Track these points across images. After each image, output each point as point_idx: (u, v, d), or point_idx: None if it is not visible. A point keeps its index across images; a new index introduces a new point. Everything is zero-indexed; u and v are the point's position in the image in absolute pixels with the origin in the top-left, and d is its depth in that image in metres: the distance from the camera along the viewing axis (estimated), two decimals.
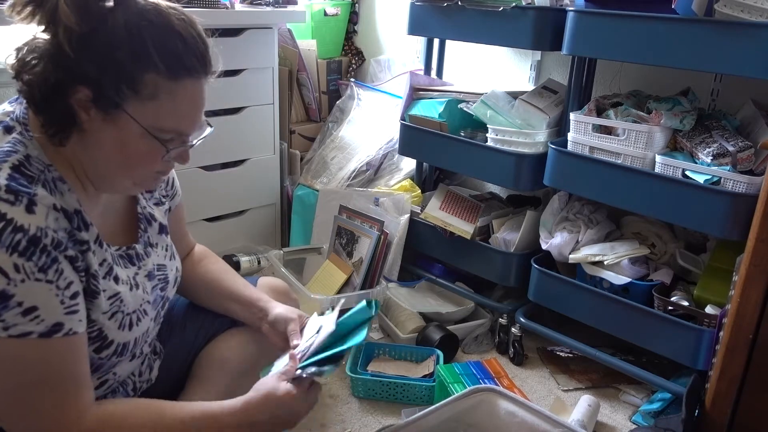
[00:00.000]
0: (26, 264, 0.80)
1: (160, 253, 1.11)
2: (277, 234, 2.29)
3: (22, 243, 0.80)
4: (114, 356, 0.98)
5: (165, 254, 1.13)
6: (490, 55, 2.08)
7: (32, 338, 0.82)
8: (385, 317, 1.81)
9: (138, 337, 1.03)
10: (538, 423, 1.10)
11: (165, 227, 1.15)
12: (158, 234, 1.12)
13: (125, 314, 0.98)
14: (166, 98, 0.87)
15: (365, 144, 2.17)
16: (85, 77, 0.83)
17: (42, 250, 0.82)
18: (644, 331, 1.46)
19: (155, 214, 1.13)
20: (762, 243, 1.15)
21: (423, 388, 1.50)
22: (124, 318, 0.98)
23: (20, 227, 0.80)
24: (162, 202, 1.17)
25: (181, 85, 0.87)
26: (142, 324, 1.03)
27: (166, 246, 1.14)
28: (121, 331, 0.97)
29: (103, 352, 0.96)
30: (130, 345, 1.01)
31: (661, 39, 1.33)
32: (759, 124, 1.40)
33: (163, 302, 1.12)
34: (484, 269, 1.81)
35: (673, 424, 1.32)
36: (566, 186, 1.62)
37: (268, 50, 2.05)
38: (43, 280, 0.82)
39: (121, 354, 0.99)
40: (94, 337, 0.93)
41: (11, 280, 0.79)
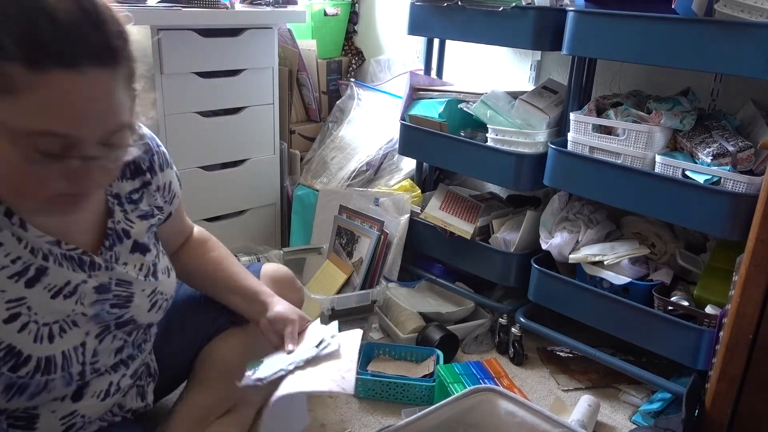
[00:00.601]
0: None
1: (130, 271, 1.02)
2: (277, 234, 2.29)
3: None
4: (37, 373, 0.88)
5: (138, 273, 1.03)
6: (490, 55, 2.08)
7: None
8: (385, 317, 1.81)
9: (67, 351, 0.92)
10: (538, 423, 1.10)
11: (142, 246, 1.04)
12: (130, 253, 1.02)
13: (40, 324, 0.88)
14: (28, 93, 0.70)
15: (365, 144, 2.17)
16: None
17: None
18: (644, 331, 1.46)
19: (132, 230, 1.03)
20: (762, 243, 1.15)
21: (423, 388, 1.50)
22: (40, 329, 0.88)
23: None
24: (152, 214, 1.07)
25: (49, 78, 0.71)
26: (68, 336, 0.92)
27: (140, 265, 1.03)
28: (38, 344, 0.87)
29: (20, 369, 0.86)
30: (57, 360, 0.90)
31: (661, 39, 1.33)
32: (759, 124, 1.40)
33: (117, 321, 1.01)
34: (484, 269, 1.81)
35: (673, 424, 1.32)
36: (566, 186, 1.62)
37: (268, 50, 2.05)
38: None
39: (46, 371, 0.89)
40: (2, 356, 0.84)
41: None
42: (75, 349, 0.93)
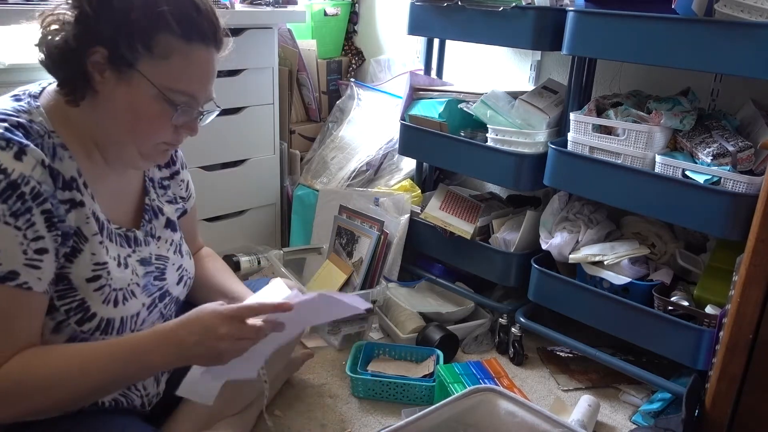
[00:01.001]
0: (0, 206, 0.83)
1: (162, 246, 1.13)
2: (277, 234, 2.29)
3: (2, 184, 0.83)
4: (97, 332, 0.97)
5: (168, 248, 1.14)
6: (490, 55, 2.08)
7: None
8: (385, 317, 1.81)
9: (125, 318, 1.01)
10: (538, 423, 1.10)
11: (173, 223, 1.17)
12: (164, 228, 1.14)
13: (112, 289, 0.98)
14: (179, 59, 0.91)
15: (365, 144, 2.17)
16: (102, 37, 0.88)
17: (19, 196, 0.84)
18: (644, 331, 1.46)
19: (164, 208, 1.15)
20: (762, 243, 1.15)
21: (423, 388, 1.50)
22: (110, 293, 0.98)
23: (3, 170, 0.83)
24: (176, 201, 1.20)
25: (194, 48, 0.92)
26: (129, 304, 1.01)
27: (171, 240, 1.15)
28: (105, 306, 0.97)
29: (84, 324, 0.95)
30: (116, 323, 0.99)
31: (661, 39, 1.33)
32: (759, 124, 1.40)
33: (162, 295, 1.10)
34: (484, 269, 1.81)
35: (673, 424, 1.32)
36: (566, 186, 1.62)
37: (268, 50, 2.05)
38: (12, 225, 0.84)
39: (105, 331, 0.97)
40: (75, 307, 0.94)
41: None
42: (131, 318, 1.02)
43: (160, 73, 0.90)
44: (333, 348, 1.73)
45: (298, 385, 1.55)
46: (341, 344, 1.73)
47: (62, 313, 0.94)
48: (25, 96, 0.94)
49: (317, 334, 1.76)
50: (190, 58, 0.92)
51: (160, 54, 0.90)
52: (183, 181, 1.22)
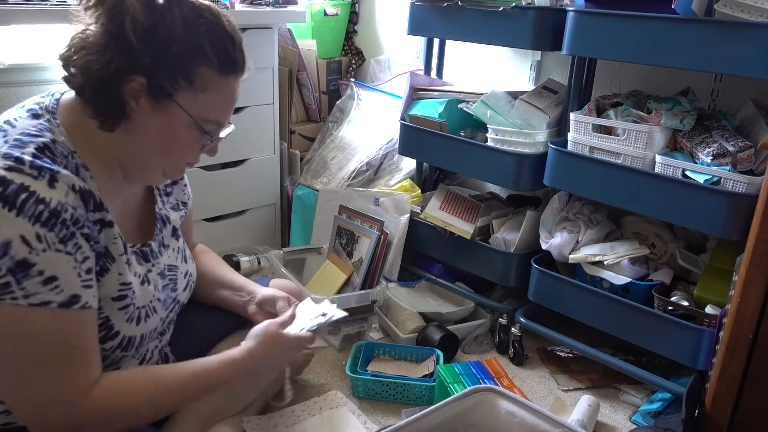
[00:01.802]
0: (48, 234, 0.83)
1: (171, 255, 1.13)
2: (277, 234, 2.29)
3: (45, 214, 0.83)
4: (118, 349, 0.98)
5: (176, 256, 1.15)
6: (490, 55, 2.08)
7: (51, 308, 0.84)
8: (385, 317, 1.81)
9: (145, 334, 1.03)
10: (538, 423, 1.10)
11: (178, 231, 1.17)
12: (171, 236, 1.14)
13: (135, 307, 1.00)
14: (215, 92, 0.95)
15: (365, 144, 2.17)
16: (143, 66, 0.89)
17: (62, 223, 0.85)
18: (644, 331, 1.46)
19: (171, 216, 1.15)
20: (762, 243, 1.15)
21: (423, 388, 1.50)
22: (133, 311, 0.99)
23: (42, 199, 0.83)
24: (179, 207, 1.20)
25: (228, 81, 0.96)
26: (150, 321, 1.04)
27: (177, 248, 1.16)
28: (128, 324, 0.98)
29: (107, 342, 0.96)
30: (136, 341, 1.01)
31: (661, 39, 1.33)
32: (759, 124, 1.40)
33: (173, 304, 1.13)
34: (484, 269, 1.81)
35: (673, 424, 1.32)
36: (566, 186, 1.62)
37: (268, 50, 2.05)
38: (63, 251, 0.85)
39: (125, 348, 0.99)
40: (100, 325, 0.95)
41: (33, 249, 0.82)
42: (150, 333, 1.05)
43: (196, 105, 0.94)
44: (333, 348, 1.73)
45: (298, 386, 1.55)
46: (341, 344, 1.73)
47: None
48: (43, 111, 0.93)
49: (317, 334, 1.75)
50: (224, 90, 0.96)
51: (199, 87, 0.92)
52: (185, 185, 1.24)
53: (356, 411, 1.44)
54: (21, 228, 0.81)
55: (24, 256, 0.81)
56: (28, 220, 0.81)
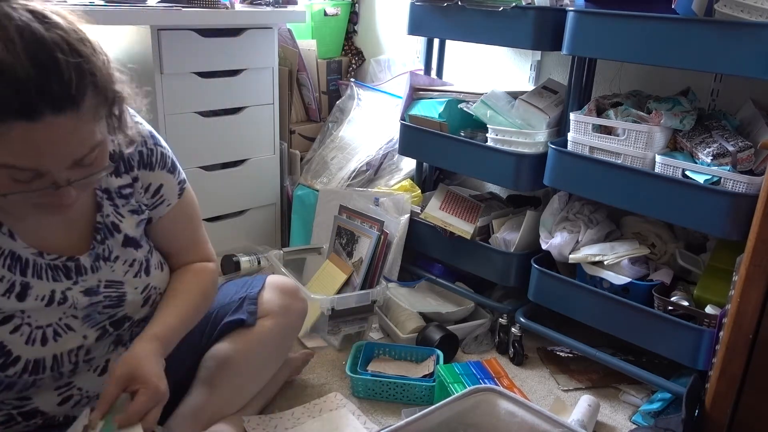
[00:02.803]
0: None
1: (117, 268, 1.03)
2: (277, 234, 2.29)
3: None
4: (25, 374, 0.92)
5: (127, 270, 1.04)
6: (490, 55, 2.08)
7: None
8: (385, 317, 1.81)
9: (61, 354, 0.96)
10: (538, 423, 1.10)
11: (133, 240, 1.05)
12: (122, 246, 1.04)
13: (33, 327, 0.92)
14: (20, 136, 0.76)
15: (365, 144, 2.17)
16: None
17: None
18: (644, 331, 1.46)
19: (122, 224, 1.04)
20: (762, 243, 1.15)
21: (423, 388, 1.50)
22: (33, 332, 0.92)
23: None
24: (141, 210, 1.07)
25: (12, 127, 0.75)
26: (64, 339, 0.96)
27: (132, 261, 1.05)
28: (29, 347, 0.91)
29: (9, 369, 0.90)
30: (47, 362, 0.94)
31: (661, 39, 1.33)
32: (759, 124, 1.40)
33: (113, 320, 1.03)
34: (484, 269, 1.81)
35: (673, 424, 1.32)
36: (566, 186, 1.62)
37: (268, 50, 2.05)
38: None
39: (34, 372, 0.92)
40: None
41: None
42: (69, 352, 0.97)
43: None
44: (333, 348, 1.73)
45: (298, 385, 1.55)
46: (341, 344, 1.73)
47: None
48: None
49: (317, 334, 1.76)
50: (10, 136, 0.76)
51: None
52: (145, 186, 1.08)
53: (356, 412, 1.44)
54: None
55: None
56: None
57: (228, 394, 1.26)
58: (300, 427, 1.36)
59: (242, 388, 1.30)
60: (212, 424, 1.23)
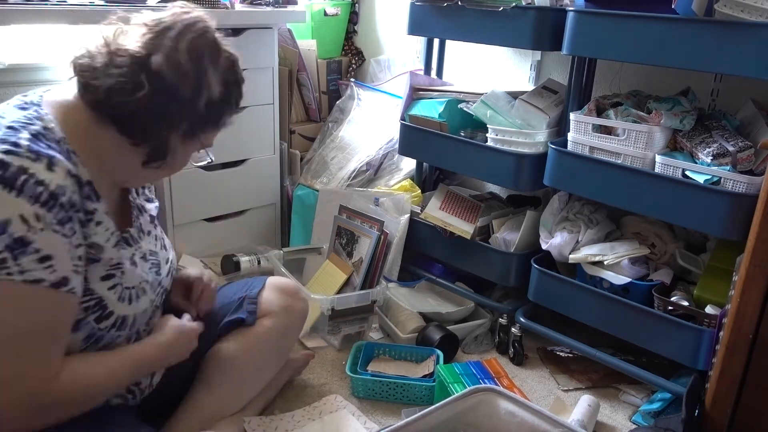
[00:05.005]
0: (47, 215, 0.86)
1: (151, 241, 1.15)
2: (277, 234, 2.29)
3: (44, 195, 0.85)
4: (113, 329, 1.02)
5: (156, 243, 1.16)
6: (490, 55, 2.08)
7: (43, 286, 0.86)
8: (385, 317, 1.81)
9: (137, 315, 1.06)
10: (538, 423, 1.10)
11: (155, 218, 1.20)
12: (150, 223, 1.17)
13: (124, 287, 1.02)
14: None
15: (365, 144, 2.17)
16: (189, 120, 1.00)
17: (61, 205, 0.87)
18: (644, 331, 1.46)
19: (145, 206, 1.17)
20: (762, 243, 1.15)
21: (423, 388, 1.50)
22: (123, 291, 1.02)
23: (42, 181, 0.86)
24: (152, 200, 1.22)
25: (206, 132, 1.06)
26: (141, 301, 1.06)
27: (156, 236, 1.18)
28: (121, 303, 1.02)
29: (102, 322, 1.00)
30: (129, 321, 1.04)
31: (661, 39, 1.33)
32: (759, 124, 1.40)
33: (159, 288, 1.15)
34: (484, 269, 1.81)
35: (673, 424, 1.32)
36: (566, 186, 1.62)
37: (268, 50, 2.05)
38: (60, 233, 0.87)
39: (120, 328, 1.03)
40: (93, 305, 0.98)
41: (32, 227, 0.84)
42: (143, 313, 1.08)
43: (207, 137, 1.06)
44: (333, 348, 1.73)
45: (298, 385, 1.55)
46: (341, 344, 1.73)
47: (81, 311, 0.96)
48: (30, 104, 0.95)
49: (317, 334, 1.76)
50: None
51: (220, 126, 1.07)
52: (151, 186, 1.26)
53: (356, 413, 1.44)
54: (21, 208, 0.83)
55: (22, 234, 0.84)
56: (27, 200, 0.84)
57: (228, 394, 1.26)
58: (300, 429, 1.36)
59: (242, 388, 1.30)
60: (212, 424, 1.23)
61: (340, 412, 1.44)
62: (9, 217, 0.83)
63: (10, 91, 1.65)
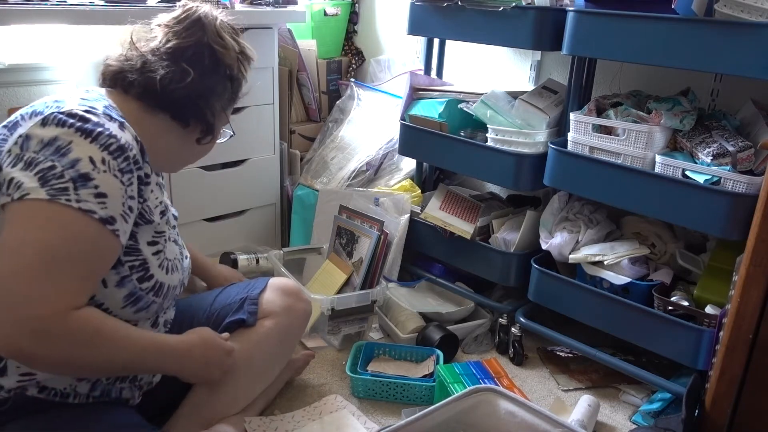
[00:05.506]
0: (112, 162, 0.97)
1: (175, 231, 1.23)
2: (277, 234, 2.29)
3: (114, 146, 0.97)
4: (151, 292, 1.09)
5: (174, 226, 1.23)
6: (490, 55, 2.08)
7: (93, 217, 0.94)
8: (385, 317, 1.81)
9: (171, 287, 1.13)
10: (538, 423, 1.10)
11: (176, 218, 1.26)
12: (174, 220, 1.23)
13: (165, 257, 1.11)
14: None
15: (365, 144, 2.17)
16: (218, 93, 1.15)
17: (126, 158, 0.99)
18: (644, 331, 1.46)
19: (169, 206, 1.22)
20: (762, 243, 1.15)
21: (423, 388, 1.50)
22: (164, 260, 1.11)
23: (114, 135, 0.98)
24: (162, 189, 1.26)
25: None
26: (175, 275, 1.14)
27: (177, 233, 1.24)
28: (160, 270, 1.10)
29: (144, 283, 1.07)
30: (164, 289, 1.11)
31: (661, 39, 1.33)
32: (759, 124, 1.40)
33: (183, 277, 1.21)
34: (484, 269, 1.81)
35: (673, 424, 1.32)
36: (566, 186, 1.62)
37: (268, 50, 2.05)
38: (119, 179, 0.98)
39: (157, 293, 1.10)
40: (137, 265, 1.06)
41: (96, 168, 0.95)
42: (173, 288, 1.15)
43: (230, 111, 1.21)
44: (333, 348, 1.73)
45: (298, 385, 1.55)
46: (341, 344, 1.73)
47: (126, 269, 1.04)
48: (93, 92, 1.07)
49: (317, 334, 1.76)
50: None
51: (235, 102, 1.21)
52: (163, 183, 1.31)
53: (356, 413, 1.44)
54: (91, 151, 0.95)
55: (87, 171, 0.94)
56: (99, 146, 0.95)
57: (229, 395, 1.26)
58: (300, 429, 1.36)
59: (243, 388, 1.30)
60: (213, 424, 1.23)
61: (340, 412, 1.44)
62: (80, 156, 0.93)
63: (10, 91, 1.65)
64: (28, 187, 0.91)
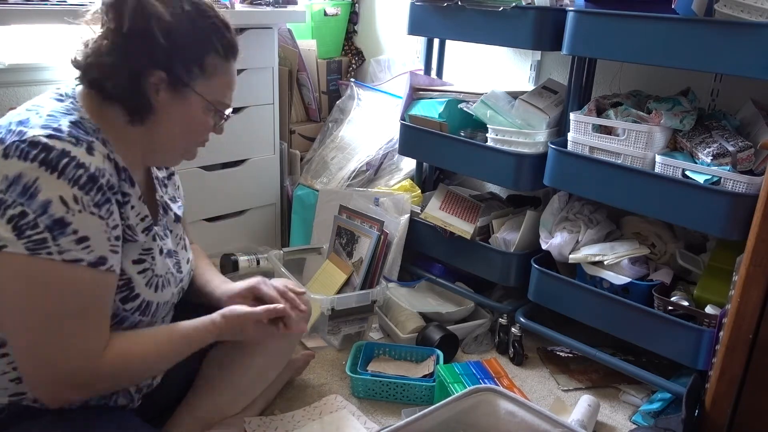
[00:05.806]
0: (85, 197, 0.90)
1: (173, 240, 1.18)
2: (277, 234, 2.29)
3: (83, 178, 0.90)
4: (137, 312, 1.04)
5: (178, 242, 1.19)
6: (490, 55, 2.08)
7: (81, 265, 0.91)
8: (385, 317, 1.81)
9: (160, 304, 1.09)
10: (538, 423, 1.10)
11: (179, 217, 1.22)
12: (174, 222, 1.19)
13: (154, 274, 1.07)
14: (222, 75, 1.05)
15: (365, 144, 2.17)
16: (161, 62, 0.98)
17: (99, 188, 0.92)
18: (644, 331, 1.46)
19: (170, 205, 1.20)
20: (762, 243, 1.15)
21: (423, 388, 1.50)
22: (152, 278, 1.06)
23: (82, 164, 0.90)
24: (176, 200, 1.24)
25: (230, 65, 1.07)
26: (165, 291, 1.10)
27: (178, 235, 1.20)
28: (147, 289, 1.05)
29: (128, 303, 1.03)
30: (152, 307, 1.07)
31: (661, 39, 1.33)
32: (759, 124, 1.40)
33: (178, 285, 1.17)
34: (484, 269, 1.81)
35: (673, 424, 1.32)
36: (566, 186, 1.62)
37: (268, 50, 2.05)
38: (97, 214, 0.92)
39: (143, 312, 1.05)
40: (121, 285, 1.01)
41: (70, 209, 0.89)
42: (164, 304, 1.11)
43: (210, 90, 1.04)
44: (333, 348, 1.73)
45: (297, 386, 1.55)
46: (341, 344, 1.73)
47: None
48: (65, 97, 1.00)
49: (317, 334, 1.76)
50: (228, 73, 1.07)
51: (209, 73, 1.03)
52: (176, 183, 1.28)
53: (356, 413, 1.44)
54: (61, 189, 0.88)
55: (61, 215, 0.88)
56: (68, 182, 0.88)
57: (229, 395, 1.27)
58: (300, 429, 1.36)
59: (243, 388, 1.30)
60: (213, 424, 1.23)
61: (340, 412, 1.44)
62: (50, 198, 0.87)
63: (10, 91, 1.65)
64: (4, 237, 0.87)
